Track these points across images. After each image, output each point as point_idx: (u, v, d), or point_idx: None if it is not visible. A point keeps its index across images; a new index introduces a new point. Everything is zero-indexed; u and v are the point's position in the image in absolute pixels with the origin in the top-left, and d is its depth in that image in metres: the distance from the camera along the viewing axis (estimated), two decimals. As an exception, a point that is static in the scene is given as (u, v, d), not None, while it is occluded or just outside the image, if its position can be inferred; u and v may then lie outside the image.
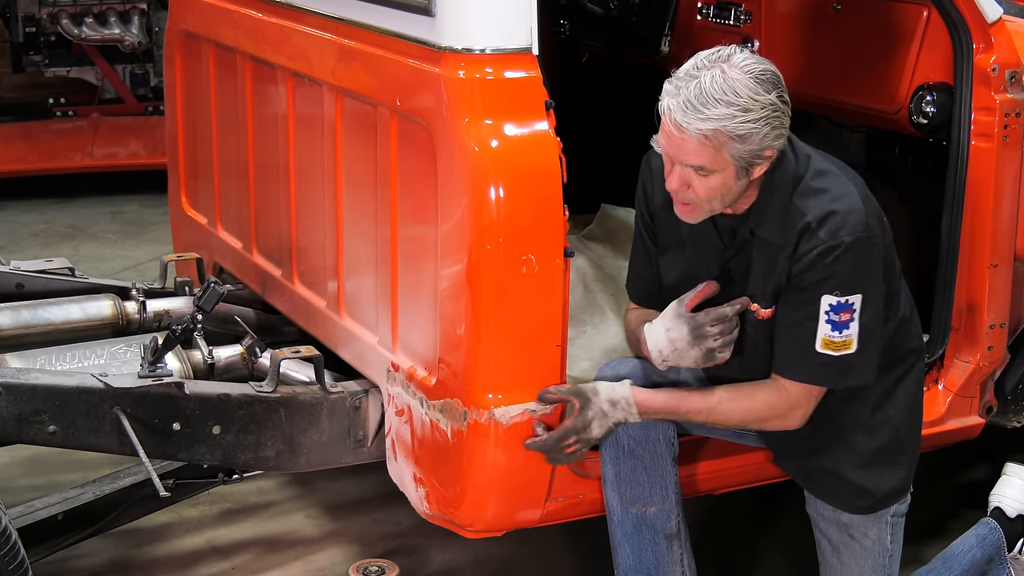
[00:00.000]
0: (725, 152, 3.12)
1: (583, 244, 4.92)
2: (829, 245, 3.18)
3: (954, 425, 4.09)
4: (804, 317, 3.24)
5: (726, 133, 3.09)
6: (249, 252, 4.47)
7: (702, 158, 3.13)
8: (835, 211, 3.20)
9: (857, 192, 3.26)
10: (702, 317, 3.31)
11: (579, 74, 5.69)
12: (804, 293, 3.23)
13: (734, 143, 3.11)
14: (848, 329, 3.22)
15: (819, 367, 3.26)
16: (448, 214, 3.29)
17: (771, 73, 3.15)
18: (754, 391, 3.35)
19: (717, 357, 3.33)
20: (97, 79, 8.43)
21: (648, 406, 3.36)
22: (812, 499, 3.57)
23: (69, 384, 3.51)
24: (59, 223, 7.99)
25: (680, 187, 3.20)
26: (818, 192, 3.23)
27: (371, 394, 3.79)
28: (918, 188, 4.46)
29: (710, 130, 3.09)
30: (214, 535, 4.43)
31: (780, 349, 3.31)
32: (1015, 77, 3.88)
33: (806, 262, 3.20)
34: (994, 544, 3.99)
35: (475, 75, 3.27)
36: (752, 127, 3.10)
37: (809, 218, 3.20)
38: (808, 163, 3.28)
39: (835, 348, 3.23)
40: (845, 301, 3.20)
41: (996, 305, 3.97)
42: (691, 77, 3.12)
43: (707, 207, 3.23)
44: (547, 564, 4.31)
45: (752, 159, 3.15)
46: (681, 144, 3.14)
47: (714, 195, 3.19)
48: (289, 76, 4.03)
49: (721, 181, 3.17)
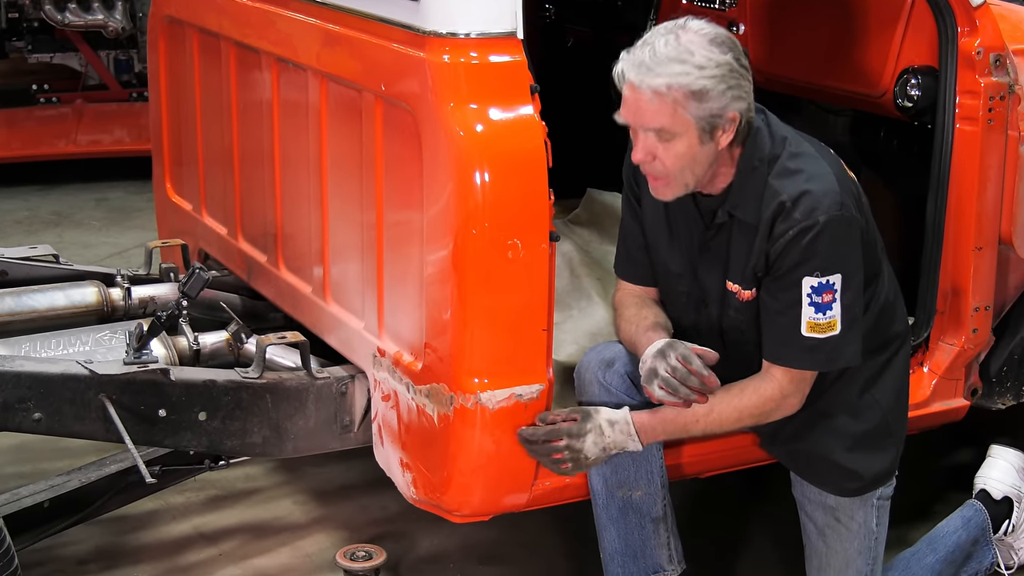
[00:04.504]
0: (683, 112, 3.12)
1: (569, 228, 4.92)
2: (804, 225, 3.18)
3: (939, 407, 4.10)
4: (787, 304, 3.24)
5: (680, 90, 3.09)
6: (234, 238, 4.46)
7: (661, 119, 3.13)
8: (809, 191, 3.20)
9: (833, 173, 3.27)
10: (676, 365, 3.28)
11: (564, 58, 5.69)
12: (785, 279, 3.24)
13: (691, 102, 3.11)
14: (831, 310, 3.22)
15: (807, 351, 3.26)
16: (433, 199, 3.28)
17: (726, 37, 3.16)
18: (744, 387, 3.34)
19: (653, 388, 3.31)
20: (81, 65, 8.40)
21: (647, 425, 3.35)
22: (798, 482, 3.58)
23: (54, 371, 3.50)
24: (43, 210, 7.98)
25: (645, 157, 3.20)
26: (793, 172, 3.24)
27: (357, 380, 3.78)
28: (903, 171, 4.47)
29: (663, 85, 3.09)
30: (201, 522, 4.43)
31: (767, 338, 3.32)
32: (999, 60, 3.88)
33: (782, 244, 3.21)
34: (979, 526, 4.01)
35: (460, 59, 3.26)
36: (707, 83, 3.10)
37: (784, 197, 3.21)
38: (784, 144, 3.29)
39: (820, 330, 3.24)
40: (826, 282, 3.21)
41: (981, 288, 3.98)
42: (646, 43, 3.15)
43: (679, 180, 3.23)
44: (534, 548, 4.31)
45: (713, 120, 3.15)
46: (638, 106, 3.15)
47: (682, 164, 3.19)
48: (273, 61, 4.02)
49: (686, 146, 3.16)
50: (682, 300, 3.50)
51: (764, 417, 3.36)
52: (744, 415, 3.34)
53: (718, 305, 3.42)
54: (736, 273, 3.34)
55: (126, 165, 8.20)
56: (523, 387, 3.33)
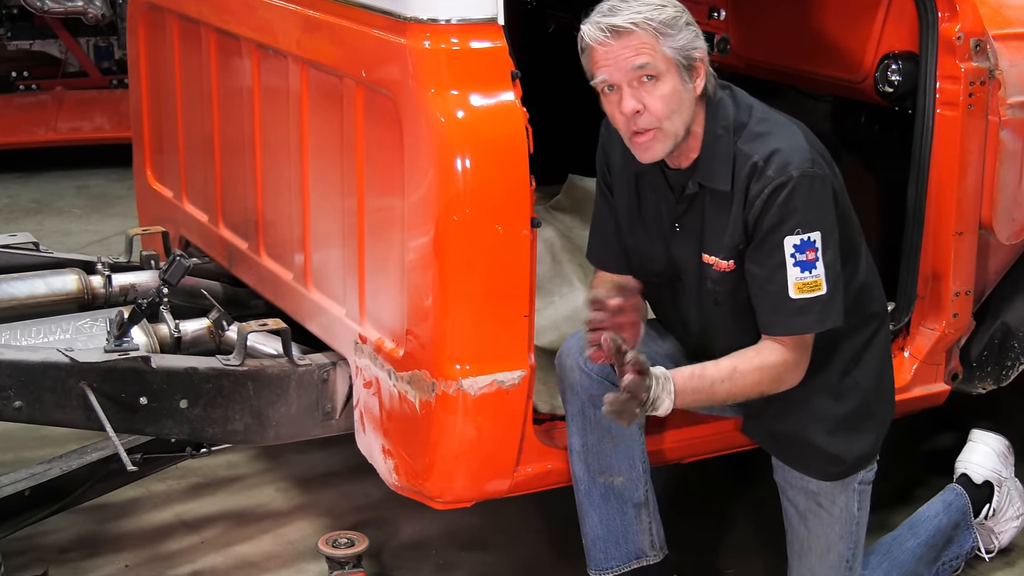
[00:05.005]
0: (661, 45, 3.18)
1: (550, 214, 4.93)
2: (779, 182, 3.20)
3: (920, 392, 4.11)
4: (773, 268, 3.25)
5: (653, 22, 3.18)
6: (215, 225, 4.45)
7: (643, 53, 3.18)
8: (780, 148, 3.24)
9: (801, 133, 3.32)
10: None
11: (545, 45, 5.68)
12: (767, 242, 3.25)
13: (665, 37, 3.18)
14: (816, 268, 3.23)
15: (798, 314, 3.26)
16: (415, 185, 3.28)
17: None
18: (759, 350, 3.32)
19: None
20: (61, 52, 8.38)
21: (679, 384, 3.24)
22: (780, 467, 3.59)
23: (35, 359, 3.49)
24: (23, 198, 7.95)
25: (635, 106, 3.21)
26: (762, 135, 3.29)
27: (339, 366, 3.78)
28: (884, 157, 4.48)
29: (639, 19, 3.17)
30: (183, 509, 4.43)
31: (759, 309, 3.32)
32: (980, 45, 3.89)
33: (760, 204, 3.23)
34: (960, 510, 4.02)
35: (440, 45, 3.25)
36: (672, 11, 3.21)
37: (756, 158, 3.24)
38: (751, 112, 3.34)
39: (808, 290, 3.24)
40: (807, 239, 3.22)
41: (961, 273, 3.99)
42: (602, 4, 3.26)
43: (669, 129, 3.24)
44: (517, 534, 4.32)
45: (689, 55, 3.22)
46: (616, 53, 3.19)
47: (671, 107, 3.21)
48: (254, 48, 4.01)
49: (671, 87, 3.20)
50: (657, 280, 3.51)
51: (778, 383, 3.32)
52: (763, 379, 3.30)
53: (695, 278, 3.43)
54: (712, 244, 3.35)
55: (106, 152, 8.17)
56: (505, 373, 3.33)
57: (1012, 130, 3.93)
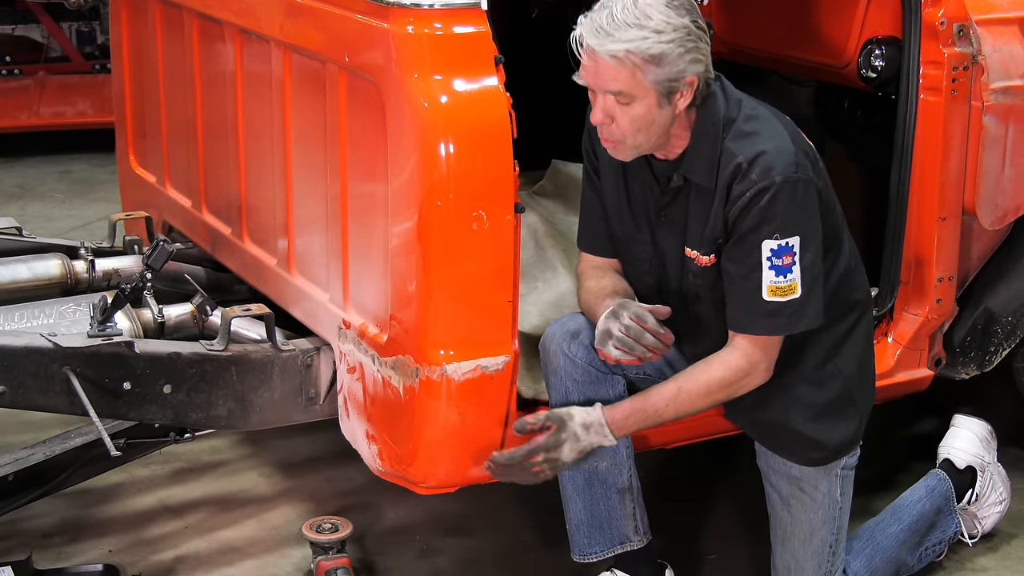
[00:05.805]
0: (642, 76, 3.13)
1: (534, 200, 4.92)
2: (762, 186, 3.19)
3: (903, 378, 4.12)
4: (748, 268, 3.25)
5: (639, 55, 3.11)
6: (198, 210, 4.44)
7: (620, 82, 3.14)
8: (765, 151, 3.21)
9: (788, 134, 3.28)
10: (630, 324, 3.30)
11: (529, 29, 5.67)
12: (744, 243, 3.24)
13: (650, 66, 3.12)
14: (791, 273, 3.23)
15: (769, 316, 3.27)
16: (398, 171, 3.27)
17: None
18: (709, 362, 3.34)
19: (608, 349, 3.32)
20: (43, 37, 8.34)
21: (618, 419, 3.34)
22: (763, 452, 3.59)
23: (17, 344, 3.48)
24: (6, 183, 7.92)
25: (604, 119, 3.21)
26: (749, 135, 3.25)
27: (323, 352, 3.78)
28: (867, 142, 4.48)
29: (622, 51, 3.10)
30: (166, 494, 4.42)
31: (731, 308, 3.33)
32: (963, 31, 3.89)
33: (740, 205, 3.22)
34: (943, 495, 4.03)
35: (424, 30, 3.24)
36: (665, 47, 3.11)
37: (740, 159, 3.22)
38: (739, 107, 3.30)
39: (782, 294, 3.24)
40: (785, 244, 3.21)
41: (944, 258, 4.00)
42: (604, 7, 3.16)
43: (631, 142, 3.24)
44: (501, 519, 4.32)
45: (671, 84, 3.16)
46: (597, 71, 3.16)
47: (639, 127, 3.20)
48: (236, 32, 4.00)
49: (644, 110, 3.17)
50: (644, 267, 3.51)
51: (735, 389, 3.34)
52: (713, 389, 3.33)
53: (677, 270, 3.43)
54: (694, 238, 3.35)
55: (89, 137, 8.15)
56: (488, 359, 3.33)
57: (995, 115, 3.93)
